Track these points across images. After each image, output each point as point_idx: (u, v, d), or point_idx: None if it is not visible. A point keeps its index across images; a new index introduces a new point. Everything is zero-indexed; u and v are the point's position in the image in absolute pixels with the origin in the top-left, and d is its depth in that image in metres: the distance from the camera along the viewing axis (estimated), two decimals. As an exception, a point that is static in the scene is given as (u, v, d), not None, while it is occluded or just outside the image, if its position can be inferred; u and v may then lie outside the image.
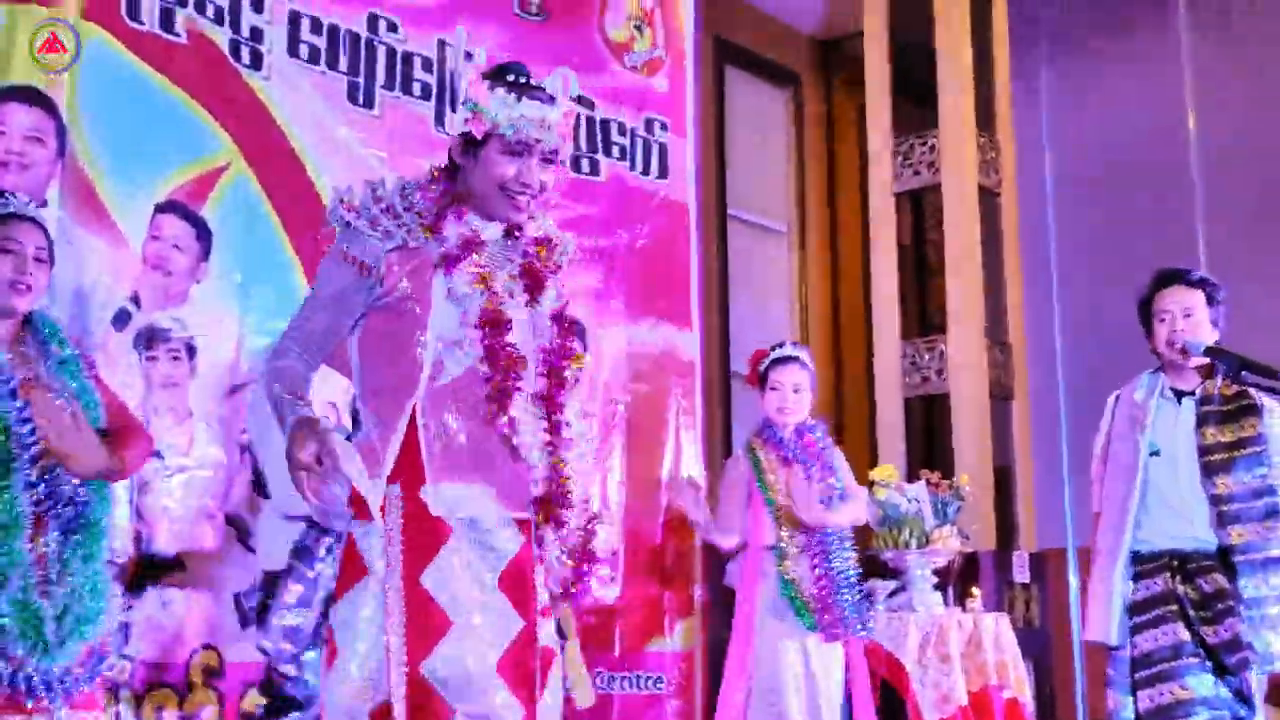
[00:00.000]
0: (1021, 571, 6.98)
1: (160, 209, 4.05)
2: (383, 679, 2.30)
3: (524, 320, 2.50)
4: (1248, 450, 3.62)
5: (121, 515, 3.66)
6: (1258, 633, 3.50)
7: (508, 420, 2.39)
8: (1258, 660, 3.50)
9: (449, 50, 5.05)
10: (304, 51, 4.58)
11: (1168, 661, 3.59)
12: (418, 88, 4.94)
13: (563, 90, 2.56)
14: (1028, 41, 7.81)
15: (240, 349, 4.17)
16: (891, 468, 5.52)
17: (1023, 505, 7.25)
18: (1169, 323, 3.74)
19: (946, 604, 5.49)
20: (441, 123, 4.99)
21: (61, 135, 3.82)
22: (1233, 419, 3.66)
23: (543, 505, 2.44)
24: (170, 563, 3.88)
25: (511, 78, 2.50)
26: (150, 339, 3.96)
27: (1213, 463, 3.64)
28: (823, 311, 8.67)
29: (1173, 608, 3.63)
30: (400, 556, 2.33)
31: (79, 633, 2.78)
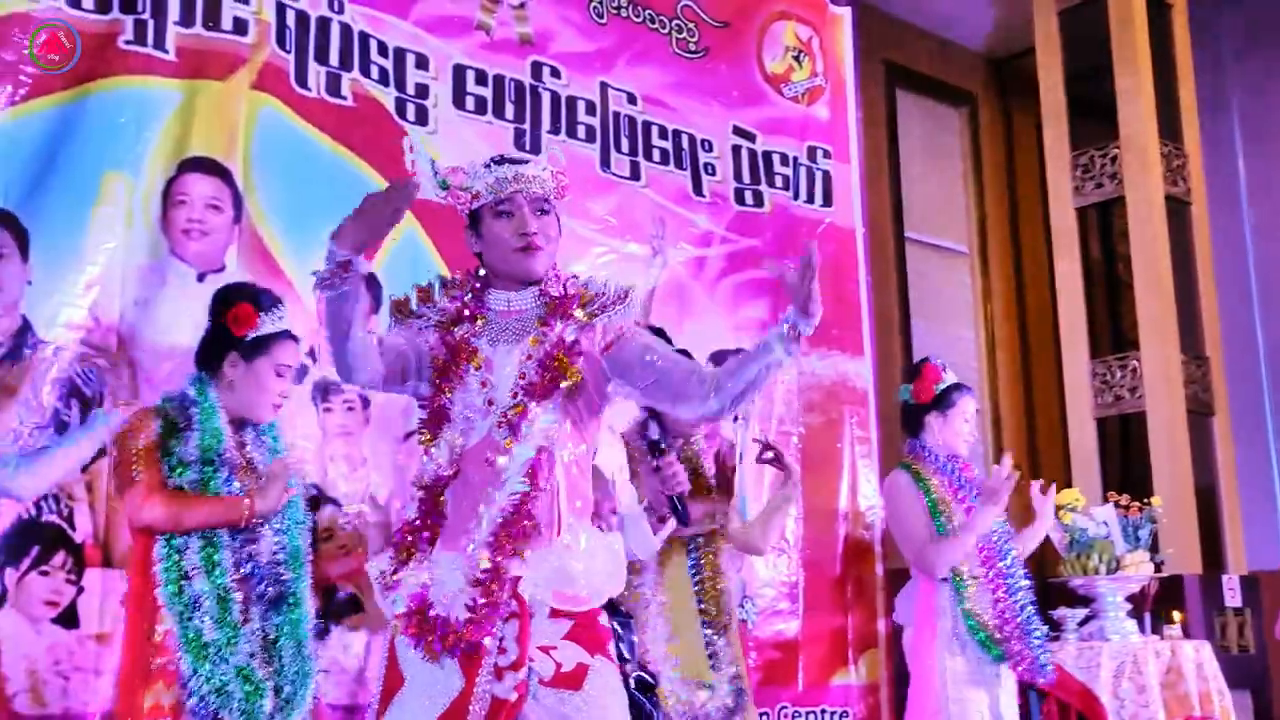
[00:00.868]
0: (1233, 595, 6.63)
1: (332, 266, 4.21)
2: None
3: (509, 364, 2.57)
4: None
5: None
6: None
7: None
8: None
9: (611, 93, 5.15)
10: (469, 103, 4.74)
11: None
12: (582, 130, 5.04)
13: (554, 157, 2.70)
14: (1210, 45, 7.49)
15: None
16: (1076, 491, 5.34)
17: (1230, 525, 6.89)
18: None
19: (1142, 631, 5.26)
20: (607, 164, 5.09)
21: (238, 201, 4.04)
22: None
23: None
24: (348, 605, 4.03)
25: (488, 159, 2.65)
26: (326, 391, 4.14)
27: None
28: (1009, 332, 8.46)
29: None
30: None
31: (287, 712, 2.92)
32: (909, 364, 7.33)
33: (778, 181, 5.60)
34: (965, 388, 4.25)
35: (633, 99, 5.22)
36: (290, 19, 4.27)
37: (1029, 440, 8.26)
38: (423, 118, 4.57)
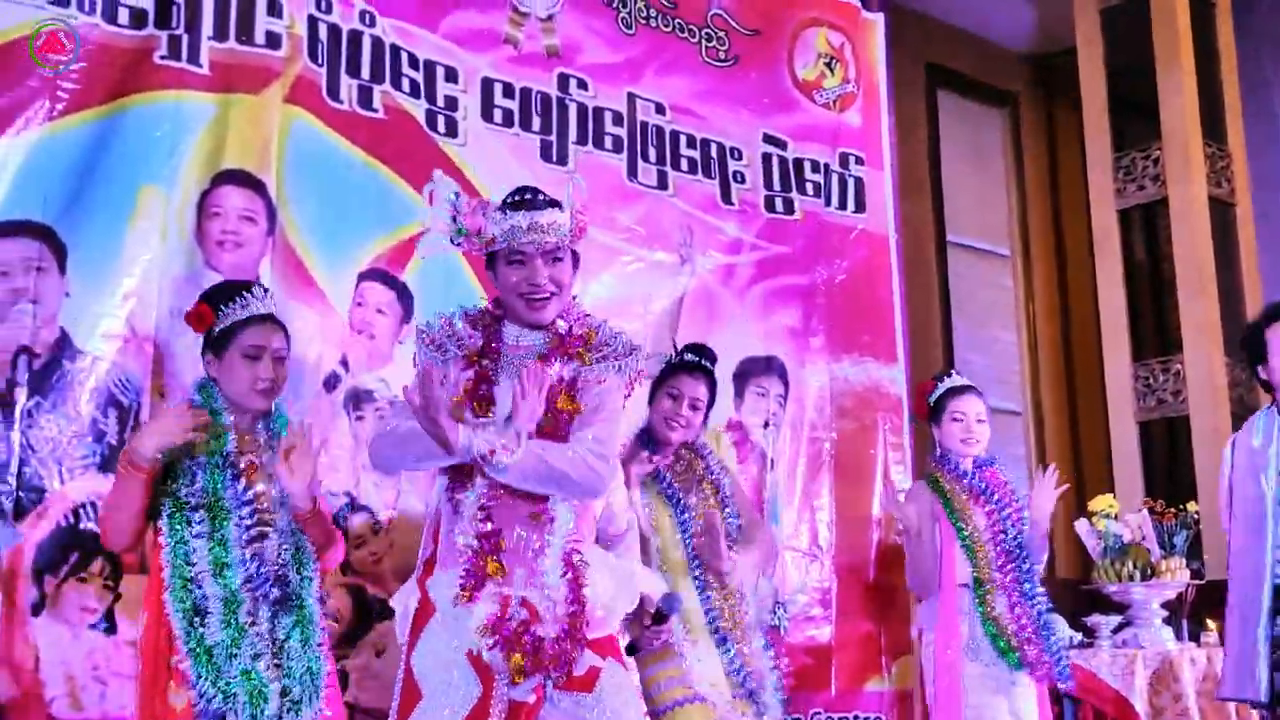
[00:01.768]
0: (1276, 603, 6.53)
1: (364, 276, 4.29)
2: None
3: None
4: None
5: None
6: None
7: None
8: None
9: (639, 103, 5.18)
10: (498, 115, 4.78)
11: None
12: (609, 141, 5.08)
13: (571, 195, 2.77)
14: (1254, 44, 7.41)
15: (442, 405, 4.36)
16: (1110, 497, 5.31)
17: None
18: None
19: (1179, 638, 5.22)
20: (634, 173, 5.12)
21: (271, 213, 4.10)
22: None
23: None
24: (381, 611, 4.08)
25: (507, 199, 2.76)
26: (358, 400, 4.20)
27: None
28: (1052, 335, 8.41)
29: None
30: (407, 638, 2.68)
31: (294, 713, 2.93)
32: (948, 368, 7.33)
33: (809, 189, 5.61)
34: (960, 389, 4.25)
35: (661, 109, 5.25)
36: (322, 32, 4.33)
37: (1071, 444, 8.20)
38: (452, 130, 4.63)
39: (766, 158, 5.52)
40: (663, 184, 5.19)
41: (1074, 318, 8.42)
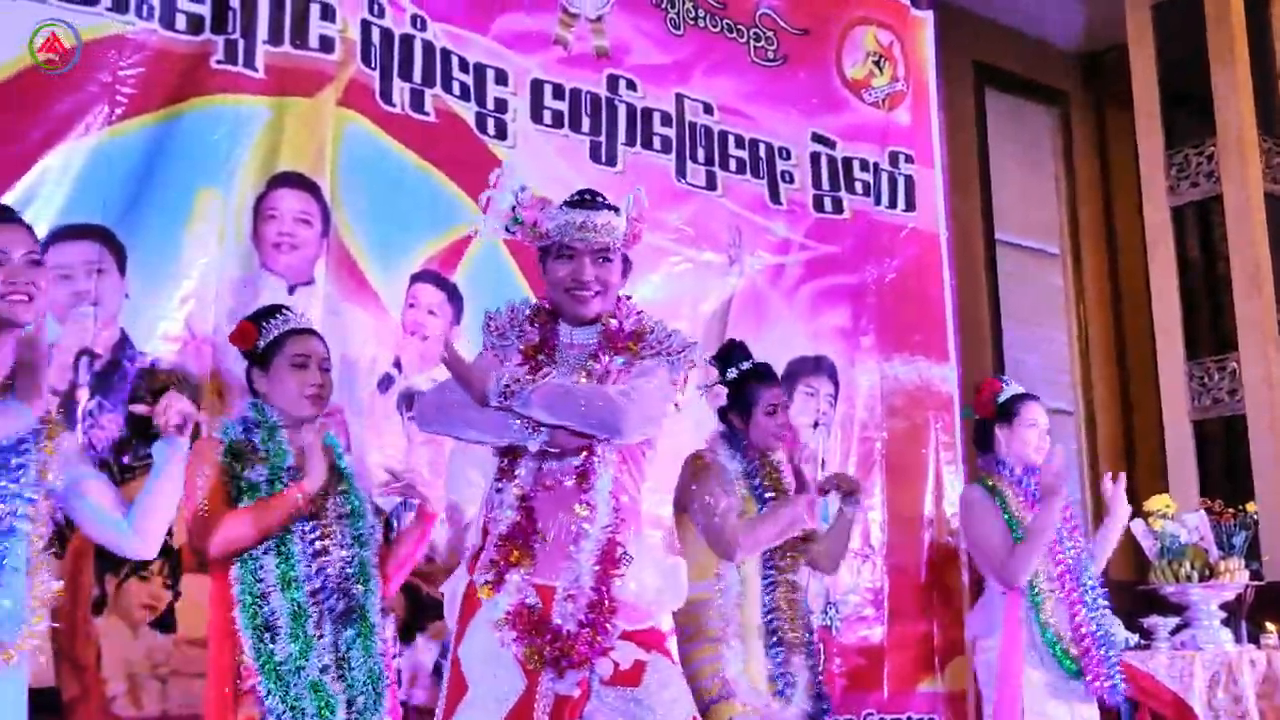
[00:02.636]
0: (1336, 604, 6.44)
1: (416, 278, 4.32)
2: None
3: None
4: None
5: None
6: None
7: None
8: None
9: (687, 103, 5.19)
10: (547, 117, 4.81)
11: None
12: (658, 141, 5.09)
13: (633, 205, 2.85)
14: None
15: (493, 405, 4.38)
16: (1167, 497, 5.24)
17: (1334, 532, 6.70)
18: None
19: (1238, 640, 5.15)
20: (683, 174, 5.13)
21: (326, 216, 4.14)
22: None
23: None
24: (436, 609, 4.10)
25: (568, 198, 2.83)
26: (411, 400, 4.22)
27: None
28: (1104, 334, 8.33)
29: None
30: (455, 630, 2.71)
31: None
32: (999, 368, 7.29)
33: (858, 188, 5.59)
34: (1030, 396, 4.18)
35: (709, 109, 5.25)
36: (375, 36, 4.37)
37: (1124, 444, 8.12)
38: (502, 132, 4.65)
39: (815, 157, 5.52)
40: (711, 184, 5.19)
41: (1126, 316, 8.33)
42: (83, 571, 3.60)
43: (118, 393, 3.73)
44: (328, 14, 4.24)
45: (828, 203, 5.51)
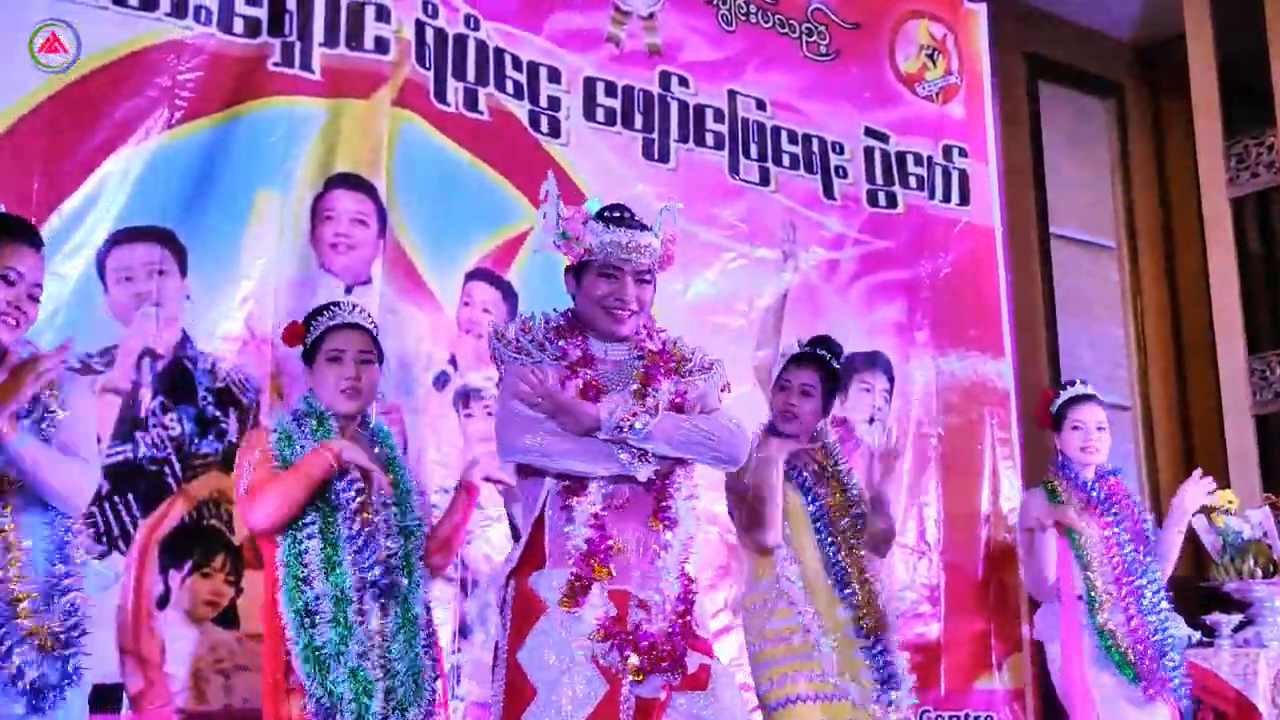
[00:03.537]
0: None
1: (470, 276, 4.35)
2: None
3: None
4: None
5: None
6: None
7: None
8: None
9: (740, 99, 5.18)
10: (600, 114, 4.82)
11: None
12: (710, 138, 5.09)
13: (668, 219, 2.88)
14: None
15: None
16: (1230, 493, 5.17)
17: (1399, 527, 6.57)
18: None
19: (1304, 638, 5.07)
20: (736, 171, 5.12)
21: (382, 216, 4.17)
22: None
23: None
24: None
25: (607, 214, 2.84)
26: (467, 398, 4.25)
27: None
28: (1161, 328, 8.22)
29: None
30: (507, 630, 2.70)
31: (400, 714, 2.97)
32: (1053, 363, 7.22)
33: (912, 182, 5.56)
34: (1079, 398, 4.18)
35: (762, 105, 5.24)
36: (429, 36, 4.40)
37: (1183, 440, 8.01)
38: (555, 130, 4.67)
39: (869, 152, 5.49)
40: (765, 180, 5.18)
41: (1183, 310, 8.21)
42: (146, 568, 3.66)
43: (180, 392, 3.78)
44: (382, 15, 4.27)
45: (882, 197, 5.48)
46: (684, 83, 5.05)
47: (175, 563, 3.71)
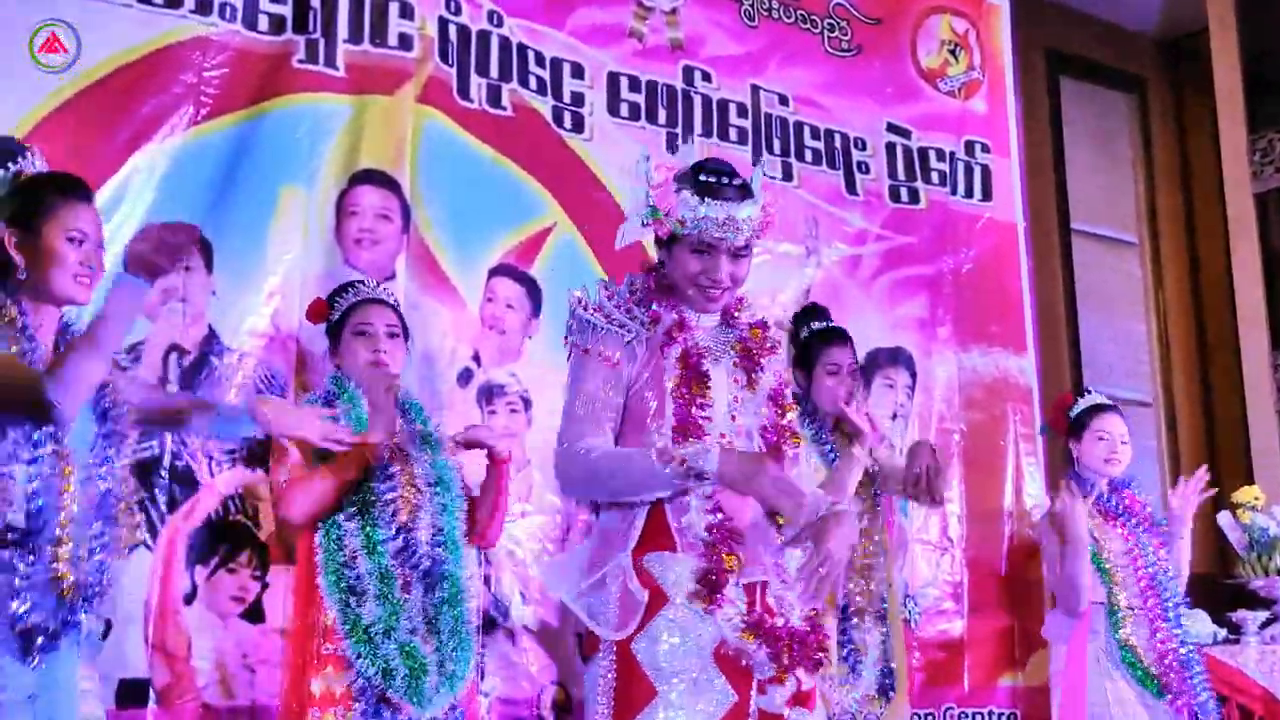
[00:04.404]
0: None
1: (494, 272, 4.35)
2: None
3: (747, 400, 2.62)
4: None
5: (470, 561, 3.93)
6: None
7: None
8: None
9: (762, 95, 5.17)
10: (623, 109, 4.82)
11: None
12: (733, 133, 5.08)
13: (762, 188, 2.68)
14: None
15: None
16: (1256, 489, 5.15)
17: None
18: None
19: (1332, 635, 5.05)
20: (758, 165, 5.09)
21: (406, 212, 4.18)
22: None
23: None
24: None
25: (702, 178, 2.58)
26: (490, 394, 4.26)
27: None
28: (1184, 325, 8.17)
29: None
30: (615, 612, 2.48)
31: (450, 686, 3.00)
32: (1075, 359, 7.20)
33: (934, 178, 5.55)
34: (1104, 407, 4.15)
35: (784, 100, 5.23)
36: (452, 33, 4.40)
37: (1206, 437, 7.97)
38: (579, 125, 4.67)
39: (891, 147, 5.48)
40: (787, 175, 5.18)
41: (1206, 305, 8.17)
42: (173, 563, 3.67)
43: (206, 388, 3.79)
44: (406, 12, 4.28)
45: (904, 193, 5.47)
46: (707, 78, 5.04)
47: (202, 558, 3.73)
